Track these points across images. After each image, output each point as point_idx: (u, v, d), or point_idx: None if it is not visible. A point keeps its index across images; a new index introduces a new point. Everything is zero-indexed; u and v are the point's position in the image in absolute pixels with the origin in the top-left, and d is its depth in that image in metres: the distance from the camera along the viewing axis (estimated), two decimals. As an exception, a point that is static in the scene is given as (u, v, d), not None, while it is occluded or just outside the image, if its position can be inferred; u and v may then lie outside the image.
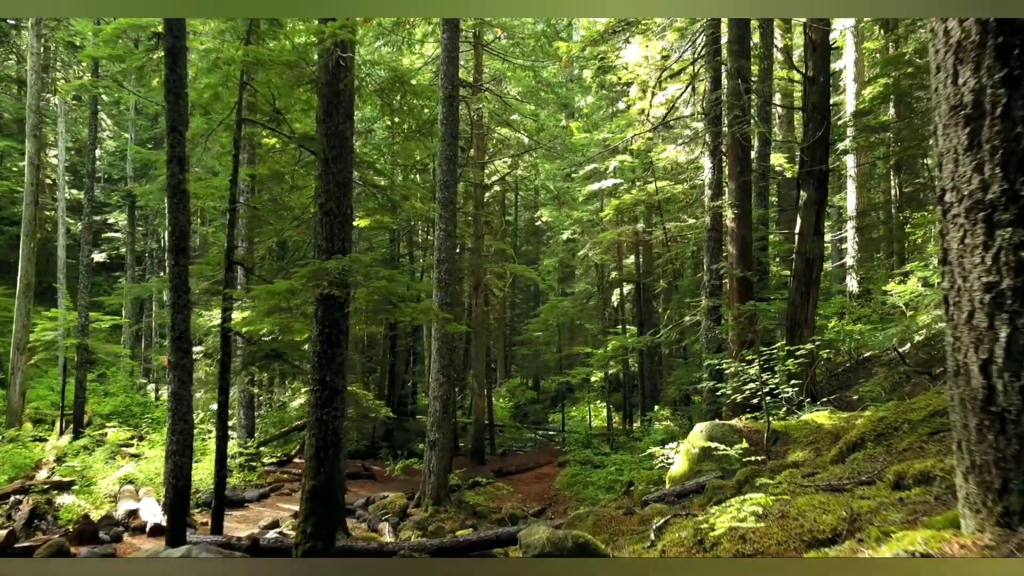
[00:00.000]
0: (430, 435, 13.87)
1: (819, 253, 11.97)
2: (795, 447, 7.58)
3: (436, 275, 14.01)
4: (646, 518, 6.85)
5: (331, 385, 6.61)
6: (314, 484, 6.43)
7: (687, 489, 7.59)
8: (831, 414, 8.35)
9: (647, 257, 25.11)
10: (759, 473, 6.59)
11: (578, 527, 7.20)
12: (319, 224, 6.77)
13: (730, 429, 8.21)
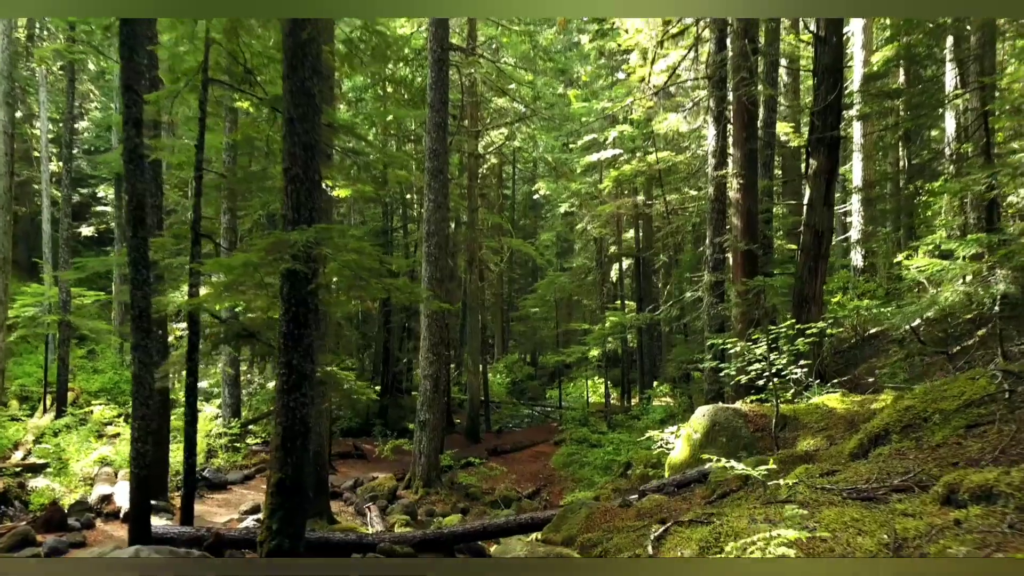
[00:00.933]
0: (420, 415, 13.35)
1: (828, 225, 11.32)
2: (805, 433, 7.01)
3: (426, 249, 13.39)
4: (644, 512, 6.31)
5: (299, 369, 6.01)
6: (280, 477, 5.87)
7: (688, 478, 7.04)
8: (843, 397, 7.78)
9: (647, 230, 24.44)
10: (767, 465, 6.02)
11: (569, 521, 6.67)
12: (284, 192, 6.13)
13: (734, 413, 7.65)
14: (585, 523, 6.44)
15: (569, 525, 6.56)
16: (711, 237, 12.15)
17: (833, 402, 7.60)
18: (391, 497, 12.74)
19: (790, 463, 5.89)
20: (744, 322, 10.12)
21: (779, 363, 7.58)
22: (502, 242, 23.63)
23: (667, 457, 8.33)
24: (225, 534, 7.26)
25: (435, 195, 13.22)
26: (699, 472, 6.98)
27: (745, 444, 7.32)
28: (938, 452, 4.04)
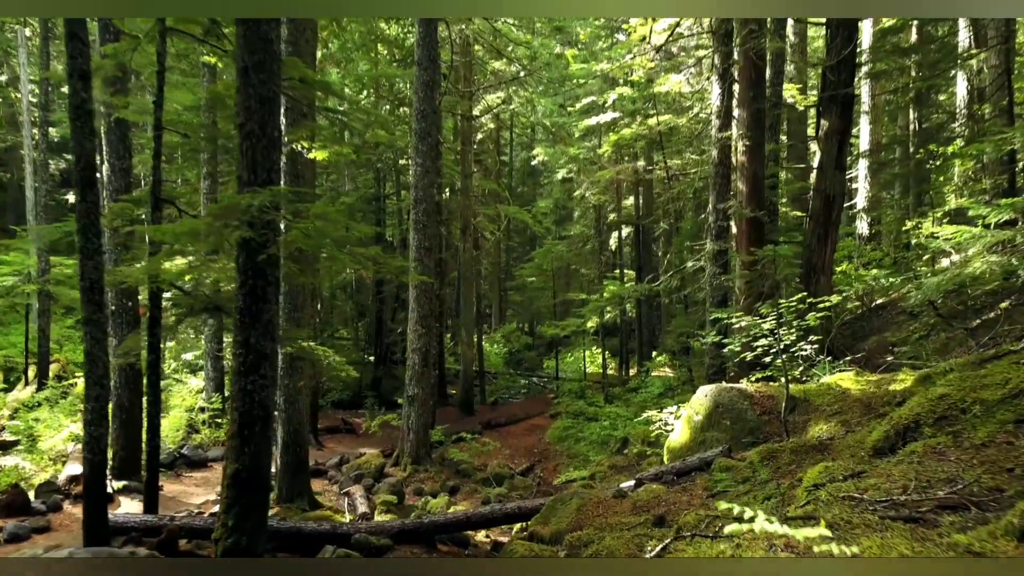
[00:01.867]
0: (409, 390, 12.80)
1: (840, 190, 10.63)
2: (817, 417, 6.43)
3: (413, 216, 12.70)
4: (640, 505, 5.75)
5: (257, 348, 5.39)
6: (236, 468, 5.29)
7: (689, 466, 6.47)
8: (857, 376, 7.18)
9: (647, 197, 23.69)
10: (776, 455, 5.44)
11: (559, 512, 6.11)
12: (239, 150, 5.45)
13: (739, 394, 7.06)
14: (576, 516, 5.88)
15: (559, 517, 6.01)
16: (714, 203, 11.46)
17: (847, 382, 7.01)
18: (378, 475, 12.26)
19: (802, 453, 5.31)
20: (752, 295, 9.47)
21: (787, 339, 6.98)
22: (499, 209, 22.89)
23: (666, 439, 7.76)
24: (185, 525, 6.72)
25: (423, 159, 12.48)
26: (700, 459, 6.41)
27: (750, 428, 6.75)
28: (984, 453, 3.43)
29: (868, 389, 6.65)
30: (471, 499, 12.10)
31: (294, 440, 9.80)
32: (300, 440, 9.87)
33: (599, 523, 5.53)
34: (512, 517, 6.71)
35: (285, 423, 9.81)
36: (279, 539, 6.90)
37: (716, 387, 7.25)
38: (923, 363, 8.08)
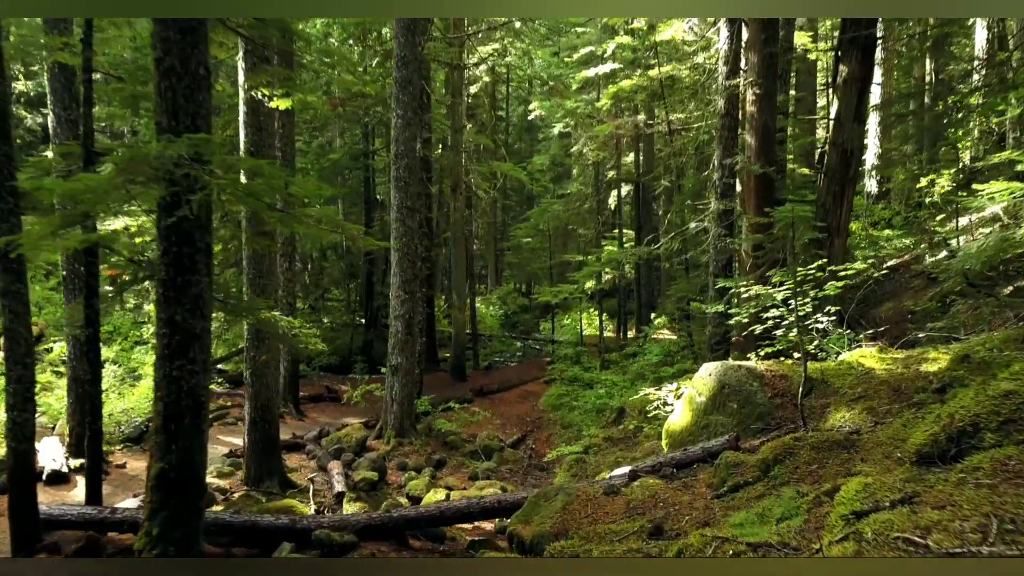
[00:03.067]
0: (392, 359, 12.04)
1: (859, 144, 9.73)
2: (837, 403, 5.64)
3: (394, 173, 11.76)
4: (634, 506, 5.00)
5: (184, 327, 4.57)
6: (162, 468, 4.51)
7: (690, 456, 5.71)
8: (880, 352, 6.38)
9: (648, 154, 22.63)
10: (794, 452, 4.66)
11: (542, 511, 5.37)
12: (156, 90, 4.55)
13: (748, 373, 6.27)
14: (561, 517, 5.13)
15: (542, 517, 5.27)
16: (720, 158, 10.52)
17: (870, 360, 6.21)
18: (360, 449, 11.57)
19: (824, 451, 4.53)
20: (766, 261, 8.60)
21: (803, 310, 6.16)
22: (492, 166, 21.87)
23: (665, 420, 7.00)
24: (129, 519, 5.98)
25: (404, 110, 11.49)
26: (703, 450, 5.65)
27: (760, 413, 5.97)
28: (1081, 478, 2.63)
29: (895, 369, 5.85)
30: (458, 474, 11.44)
31: (262, 417, 9.06)
32: (269, 417, 9.13)
33: (586, 529, 4.78)
34: (490, 511, 5.99)
35: (252, 398, 9.05)
36: (232, 534, 6.18)
37: (722, 365, 6.46)
38: (949, 334, 7.28)
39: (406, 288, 11.80)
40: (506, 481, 11.11)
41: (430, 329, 20.21)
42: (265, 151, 8.81)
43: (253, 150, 8.76)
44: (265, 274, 8.91)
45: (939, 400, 4.76)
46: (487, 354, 24.62)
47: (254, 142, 8.76)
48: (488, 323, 28.90)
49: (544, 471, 11.81)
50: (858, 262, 5.94)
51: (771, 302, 5.97)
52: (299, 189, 4.45)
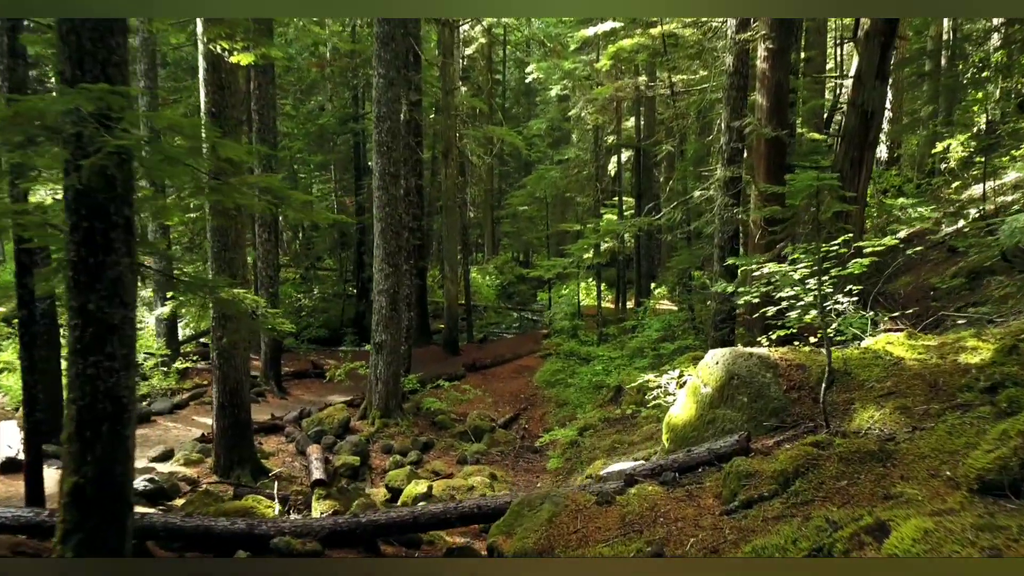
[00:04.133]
0: (376, 336, 11.36)
1: (881, 104, 8.92)
2: (863, 398, 4.95)
3: (376, 137, 10.95)
4: (631, 520, 4.34)
5: (99, 316, 3.86)
6: (76, 482, 3.83)
7: (695, 458, 5.04)
8: (910, 338, 5.67)
9: (649, 118, 21.70)
10: (818, 463, 3.98)
11: (526, 522, 4.71)
12: (57, 34, 3.77)
13: (760, 363, 5.56)
14: (547, 531, 4.48)
15: (525, 529, 4.61)
16: (728, 121, 9.69)
17: (898, 347, 5.50)
18: (342, 431, 10.95)
19: (855, 463, 3.84)
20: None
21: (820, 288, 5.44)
22: (487, 131, 20.94)
23: (667, 412, 6.32)
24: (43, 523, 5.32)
25: (386, 68, 10.62)
26: (710, 451, 4.97)
27: (774, 409, 5.29)
28: None
29: (929, 359, 5.15)
30: (445, 457, 10.85)
31: (232, 401, 8.41)
32: (239, 401, 8.47)
33: (575, 548, 4.13)
34: (469, 518, 5.35)
35: (220, 381, 8.39)
36: (183, 539, 5.55)
37: (731, 352, 5.75)
38: (982, 315, 6.58)
39: (390, 261, 11.06)
40: (496, 465, 10.52)
41: (422, 301, 19.52)
42: (228, 112, 8.01)
43: (215, 111, 7.96)
44: (231, 247, 8.17)
45: (989, 402, 4.07)
46: (482, 326, 23.97)
47: (215, 102, 7.96)
48: (484, 293, 28.19)
49: (537, 453, 11.23)
50: (887, 236, 5.20)
51: (787, 281, 5.24)
52: (230, 152, 3.69)
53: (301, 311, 22.27)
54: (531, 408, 13.84)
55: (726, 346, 10.11)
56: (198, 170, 3.92)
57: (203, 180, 4.01)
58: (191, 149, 3.67)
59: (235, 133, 8.14)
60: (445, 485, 8.37)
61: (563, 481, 9.53)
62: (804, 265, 5.64)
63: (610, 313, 21.43)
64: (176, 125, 3.69)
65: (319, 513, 6.62)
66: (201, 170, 3.92)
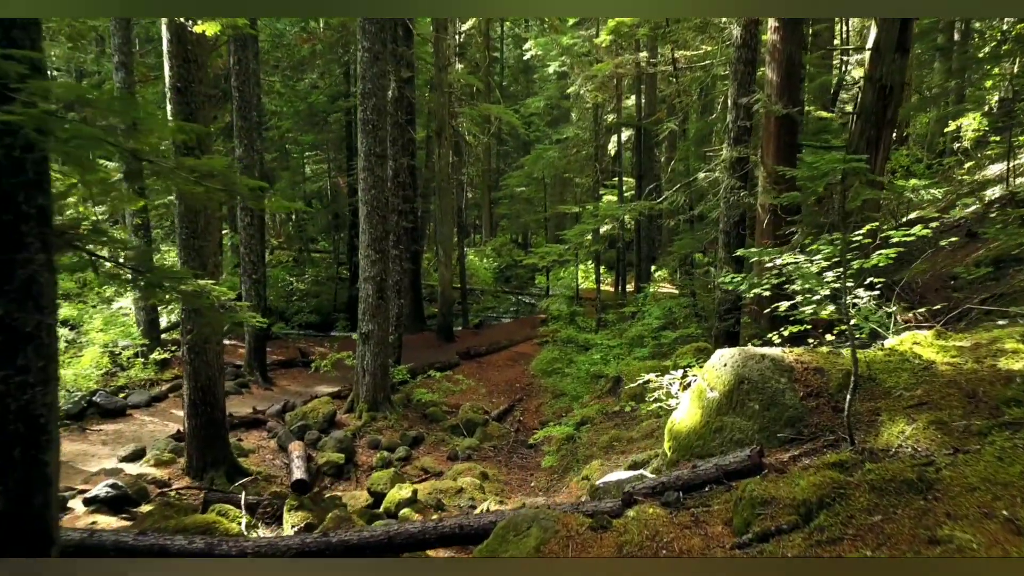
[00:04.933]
0: (362, 326, 10.82)
1: (901, 79, 8.28)
2: (891, 409, 4.40)
3: (361, 115, 10.33)
4: (629, 549, 3.81)
5: (10, 324, 3.31)
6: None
7: (700, 475, 4.50)
8: (939, 338, 5.12)
9: (650, 96, 20.98)
10: (846, 492, 3.43)
11: (511, 548, 4.19)
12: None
13: (773, 366, 5.01)
14: (536, 555, 3.95)
15: (511, 557, 4.09)
16: (735, 97, 9.07)
17: (927, 348, 4.95)
18: (328, 425, 10.44)
19: (889, 494, 3.30)
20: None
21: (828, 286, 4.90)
22: (482, 109, 20.23)
23: (669, 418, 5.78)
24: None
25: (371, 41, 9.97)
26: (717, 467, 4.44)
27: (790, 418, 4.74)
28: None
29: (963, 363, 4.60)
30: (436, 452, 10.36)
31: (203, 399, 7.87)
32: (212, 399, 7.94)
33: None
34: (449, 538, 4.83)
35: (191, 377, 7.85)
36: (136, 557, 5.04)
37: (740, 354, 5.20)
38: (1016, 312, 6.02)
39: (376, 246, 10.49)
40: (488, 462, 10.04)
41: (415, 287, 18.96)
42: (195, 87, 7.38)
43: (180, 86, 7.34)
44: (200, 234, 7.59)
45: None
46: (478, 310, 23.44)
47: (180, 77, 7.34)
48: (481, 276, 27.64)
49: (532, 448, 10.74)
50: (917, 226, 4.62)
51: (804, 277, 4.67)
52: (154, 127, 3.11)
53: (293, 295, 21.72)
54: (527, 399, 13.35)
55: (731, 337, 9.60)
56: (125, 151, 3.33)
57: (132, 163, 3.43)
58: (108, 128, 3.08)
59: (203, 110, 7.53)
60: (432, 488, 7.88)
61: (558, 480, 9.04)
62: (822, 256, 5.09)
63: (609, 297, 20.89)
64: (83, 98, 3.10)
65: (290, 526, 6.12)
66: (130, 151, 3.33)
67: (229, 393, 12.14)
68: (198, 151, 7.51)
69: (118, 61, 12.18)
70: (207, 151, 7.57)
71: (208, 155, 7.59)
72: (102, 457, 8.73)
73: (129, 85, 12.31)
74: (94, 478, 7.78)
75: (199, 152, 7.51)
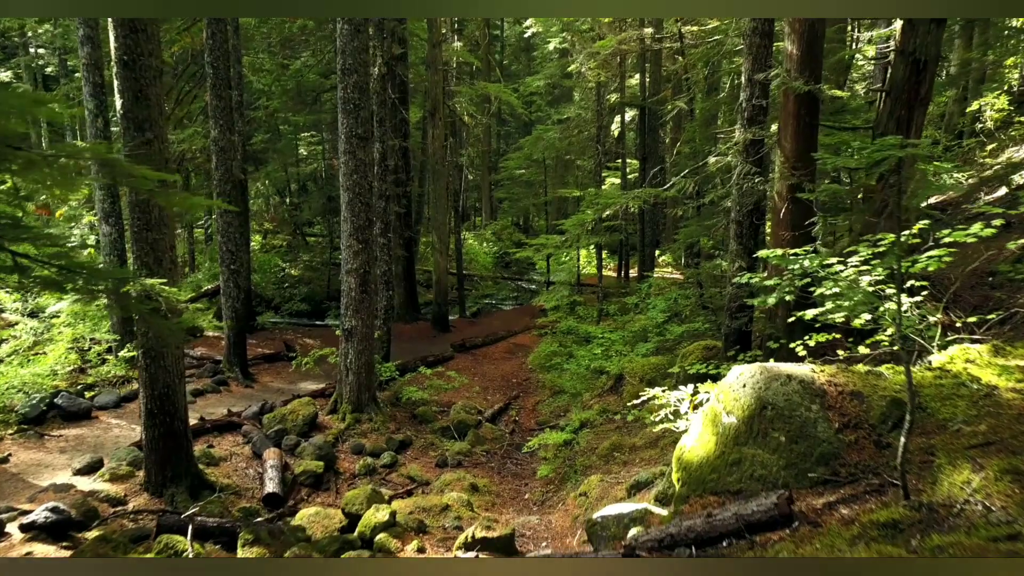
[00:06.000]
0: (345, 321, 10.07)
1: (936, 52, 7.41)
2: (947, 448, 3.63)
3: (341, 94, 9.50)
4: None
5: None
6: None
7: (716, 524, 3.76)
8: (996, 355, 4.34)
9: (655, 74, 20.03)
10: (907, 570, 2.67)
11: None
12: None
13: (801, 389, 4.24)
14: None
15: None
16: (750, 73, 8.22)
17: (984, 369, 4.18)
18: (308, 429, 9.73)
19: None
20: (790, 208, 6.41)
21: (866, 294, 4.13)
22: (478, 88, 19.34)
23: (676, 446, 5.02)
24: None
25: (351, 13, 9.10)
26: (737, 517, 3.69)
27: (823, 455, 3.98)
28: None
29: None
30: (424, 458, 9.65)
31: (161, 408, 7.14)
32: (172, 407, 7.21)
33: None
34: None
35: (147, 385, 7.11)
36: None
37: (761, 373, 4.42)
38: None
39: (359, 236, 9.70)
40: (480, 469, 9.33)
41: (409, 275, 18.18)
42: (145, 60, 6.57)
43: (126, 59, 6.52)
44: (155, 226, 6.81)
45: None
46: (476, 297, 22.69)
47: (127, 48, 6.52)
48: (481, 261, 26.85)
49: (527, 452, 10.01)
50: (976, 224, 3.83)
51: (850, 293, 3.89)
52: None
53: (284, 282, 20.98)
54: (524, 396, 12.62)
55: (743, 337, 8.81)
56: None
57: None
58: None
59: (155, 86, 6.72)
60: (414, 506, 7.16)
61: (554, 492, 8.33)
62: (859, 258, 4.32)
63: (612, 284, 20.10)
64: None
65: (244, 563, 5.40)
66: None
67: (206, 392, 11.47)
68: (150, 133, 6.72)
69: (83, 35, 11.31)
70: (161, 137, 6.77)
71: (161, 141, 6.80)
72: (57, 468, 8.02)
73: (96, 60, 11.45)
74: (41, 495, 7.09)
75: (151, 134, 6.73)
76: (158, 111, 6.80)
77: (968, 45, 17.52)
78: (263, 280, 20.26)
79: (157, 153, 6.83)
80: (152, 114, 6.73)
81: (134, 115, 6.64)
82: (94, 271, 5.27)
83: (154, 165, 6.83)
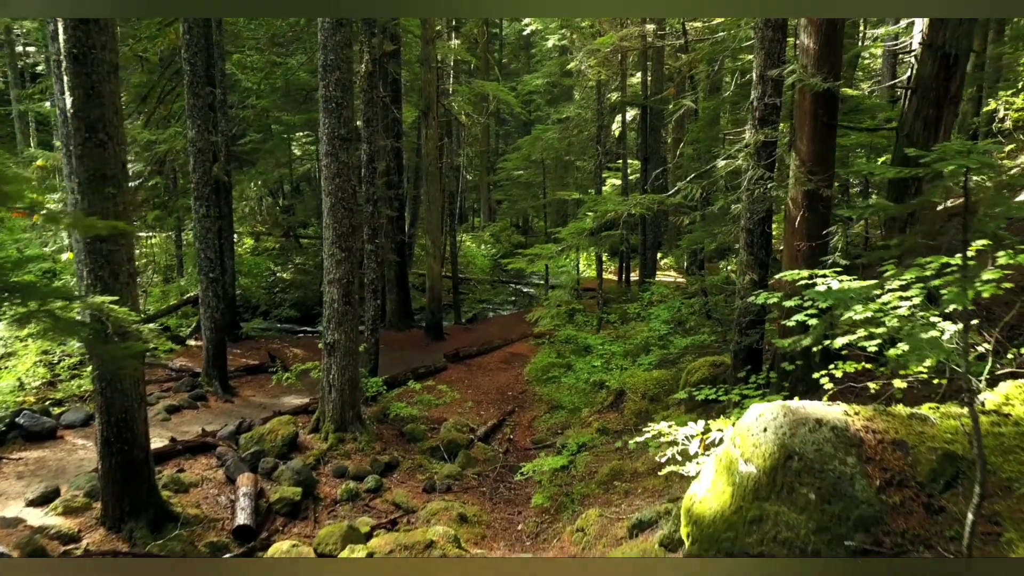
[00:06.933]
0: (327, 335, 9.45)
1: (968, 46, 6.80)
2: (1016, 514, 3.01)
3: (323, 91, 8.88)
4: None
5: None
6: None
7: (737, 607, 3.12)
8: (1061, 395, 3.71)
9: (657, 73, 19.40)
10: None
11: None
12: None
13: (834, 437, 3.61)
14: None
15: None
16: (762, 69, 7.60)
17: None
18: (287, 450, 9.09)
19: None
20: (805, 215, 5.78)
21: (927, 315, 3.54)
22: (475, 86, 18.72)
23: (685, 497, 4.39)
24: None
25: (332, 4, 8.47)
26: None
27: (863, 519, 3.35)
28: None
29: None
30: (411, 482, 9.03)
31: (119, 435, 6.53)
32: (130, 434, 6.60)
33: None
34: None
35: (103, 410, 6.51)
36: None
37: (785, 415, 3.79)
38: None
39: (342, 244, 9.08)
40: (471, 494, 8.71)
41: (402, 280, 17.56)
42: (96, 54, 5.95)
43: (76, 52, 5.91)
44: (108, 237, 6.19)
45: None
46: (473, 302, 22.07)
47: (77, 40, 5.91)
48: (479, 264, 26.23)
49: (522, 476, 9.38)
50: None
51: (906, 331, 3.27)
52: None
53: (275, 287, 20.36)
54: (519, 411, 12.00)
55: (753, 355, 8.15)
56: None
57: None
58: None
59: (109, 82, 6.10)
60: (394, 544, 6.51)
61: (549, 524, 7.70)
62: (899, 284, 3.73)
63: (612, 289, 19.48)
64: None
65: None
66: None
67: (181, 407, 10.84)
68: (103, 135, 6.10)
69: (53, 30, 10.69)
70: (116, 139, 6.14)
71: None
72: (11, 497, 7.40)
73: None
74: (-15, 532, 6.45)
75: (104, 136, 6.10)
76: (113, 110, 6.18)
77: (997, 38, 16.87)
78: (252, 284, 19.65)
79: (112, 156, 6.22)
80: (106, 113, 6.11)
81: (85, 114, 6.03)
82: (29, 290, 4.67)
83: (108, 169, 6.24)
